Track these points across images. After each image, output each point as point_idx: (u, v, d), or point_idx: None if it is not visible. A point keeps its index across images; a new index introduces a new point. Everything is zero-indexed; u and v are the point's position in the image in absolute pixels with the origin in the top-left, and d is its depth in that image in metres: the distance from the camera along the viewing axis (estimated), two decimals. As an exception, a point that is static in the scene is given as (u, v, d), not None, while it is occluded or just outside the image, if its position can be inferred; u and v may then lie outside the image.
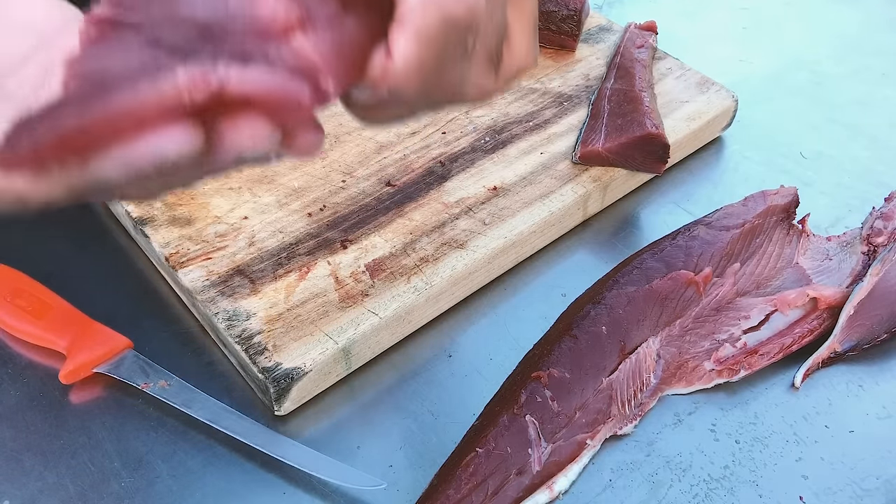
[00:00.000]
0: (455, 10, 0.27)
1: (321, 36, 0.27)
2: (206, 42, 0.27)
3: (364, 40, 0.29)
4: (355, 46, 0.29)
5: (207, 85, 0.25)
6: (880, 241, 0.60)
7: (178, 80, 0.25)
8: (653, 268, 0.57)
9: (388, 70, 0.28)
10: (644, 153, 0.65)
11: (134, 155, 0.25)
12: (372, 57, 0.29)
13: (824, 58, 0.84)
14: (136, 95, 0.24)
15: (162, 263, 0.58)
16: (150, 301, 0.58)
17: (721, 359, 0.54)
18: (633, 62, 0.73)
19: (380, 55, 0.28)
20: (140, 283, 0.60)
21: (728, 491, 0.49)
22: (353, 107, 0.31)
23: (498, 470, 0.47)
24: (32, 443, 0.50)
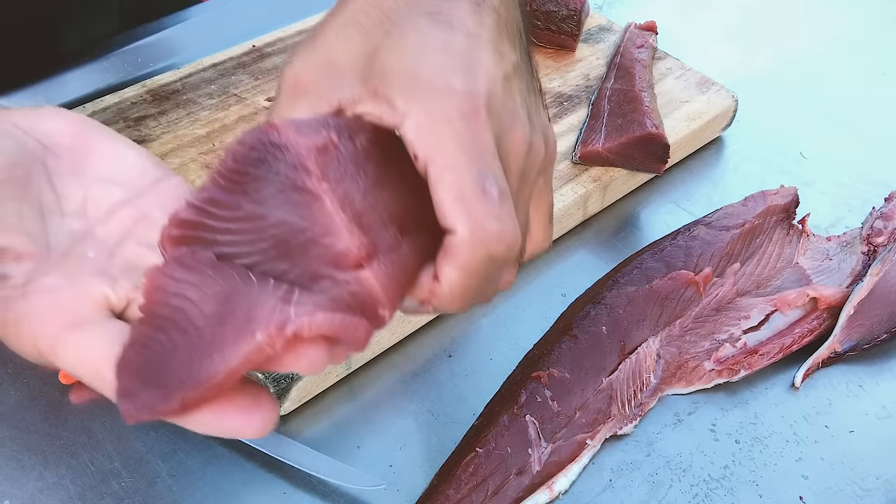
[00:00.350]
0: (497, 250, 0.30)
1: (383, 267, 0.31)
2: (282, 261, 0.30)
3: (415, 263, 0.32)
4: (409, 270, 0.32)
5: (284, 336, 0.28)
6: (880, 241, 0.60)
7: (259, 340, 0.28)
8: (653, 268, 0.57)
9: (435, 292, 0.31)
10: (644, 153, 0.65)
11: (209, 421, 0.29)
12: (420, 277, 0.32)
13: (824, 58, 0.84)
14: (225, 364, 0.28)
15: (162, 263, 0.58)
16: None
17: (721, 359, 0.54)
18: (633, 62, 0.73)
19: (427, 277, 0.32)
20: (140, 283, 0.60)
21: (728, 491, 0.49)
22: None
23: (498, 470, 0.47)
24: (32, 443, 0.50)
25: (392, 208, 0.32)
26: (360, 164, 0.32)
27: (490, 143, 0.31)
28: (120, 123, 0.67)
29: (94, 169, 0.34)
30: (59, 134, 0.34)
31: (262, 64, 0.73)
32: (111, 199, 0.34)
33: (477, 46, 0.33)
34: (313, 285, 0.30)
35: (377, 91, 0.32)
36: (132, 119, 0.67)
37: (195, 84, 0.71)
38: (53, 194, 0.33)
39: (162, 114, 0.68)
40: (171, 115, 0.68)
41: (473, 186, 0.30)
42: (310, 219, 0.30)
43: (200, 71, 0.72)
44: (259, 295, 0.29)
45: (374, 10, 0.34)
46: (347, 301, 0.30)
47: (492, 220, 0.30)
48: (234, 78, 0.72)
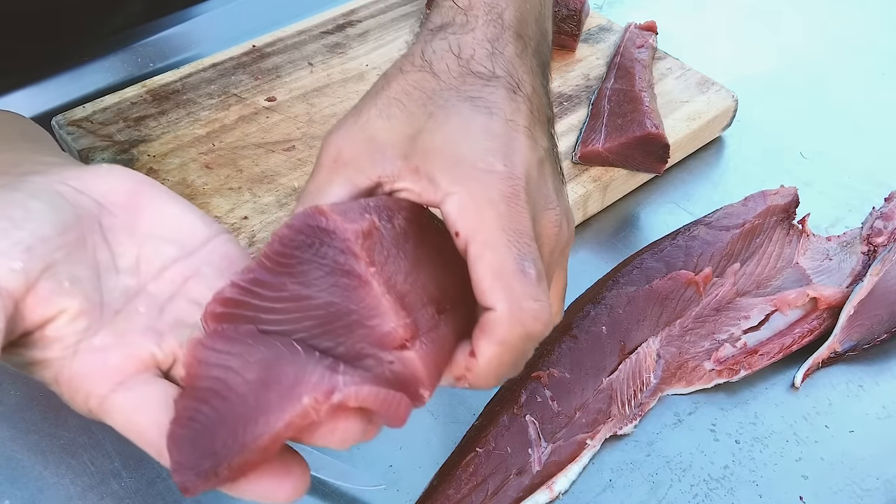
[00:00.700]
0: (534, 328, 0.32)
1: (425, 347, 0.32)
2: (326, 339, 0.31)
3: (451, 342, 0.34)
4: (446, 350, 0.33)
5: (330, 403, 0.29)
6: (880, 241, 0.60)
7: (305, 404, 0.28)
8: (653, 268, 0.57)
9: (471, 369, 0.32)
10: (644, 153, 0.65)
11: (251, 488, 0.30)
12: (455, 354, 0.33)
13: (824, 58, 0.84)
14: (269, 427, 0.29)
15: (162, 263, 0.58)
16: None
17: (721, 359, 0.54)
18: (633, 62, 0.73)
19: (463, 355, 0.33)
20: (140, 283, 0.60)
21: (728, 491, 0.49)
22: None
23: (498, 470, 0.47)
24: (32, 443, 0.50)
25: (429, 288, 0.33)
26: (401, 246, 0.33)
27: (528, 225, 0.33)
28: (120, 123, 0.67)
29: (148, 227, 0.35)
30: (114, 192, 0.34)
31: (262, 64, 0.73)
32: (164, 257, 0.35)
33: (515, 132, 0.35)
34: (357, 362, 0.31)
35: (419, 169, 0.34)
36: (132, 119, 0.67)
37: (195, 84, 0.71)
38: (109, 252, 0.33)
39: (162, 114, 0.68)
40: (171, 115, 0.68)
41: (513, 266, 0.31)
42: (357, 301, 0.31)
43: (200, 71, 0.72)
44: (306, 363, 0.30)
45: (418, 92, 0.36)
46: (390, 379, 0.31)
47: (530, 299, 0.31)
48: (234, 78, 0.72)
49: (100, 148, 0.64)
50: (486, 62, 0.37)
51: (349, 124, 0.36)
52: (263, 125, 0.68)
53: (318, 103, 0.70)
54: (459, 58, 0.37)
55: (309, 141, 0.66)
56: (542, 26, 0.42)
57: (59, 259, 0.31)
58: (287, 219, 0.32)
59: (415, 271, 0.33)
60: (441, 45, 0.37)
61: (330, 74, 0.73)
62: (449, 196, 0.33)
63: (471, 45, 0.37)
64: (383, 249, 0.32)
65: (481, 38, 0.38)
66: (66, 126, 0.66)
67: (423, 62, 0.37)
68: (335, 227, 0.31)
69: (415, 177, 0.34)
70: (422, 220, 0.35)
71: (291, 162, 0.65)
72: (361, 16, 0.79)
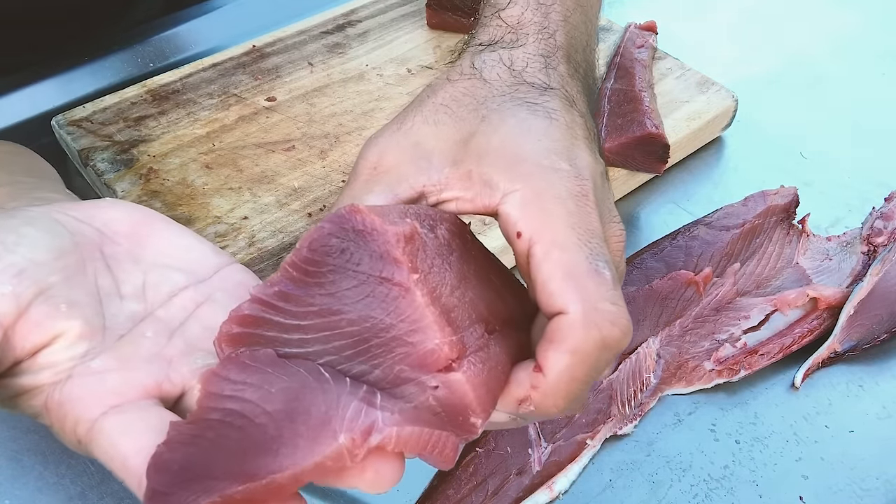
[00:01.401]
0: (612, 335, 0.28)
1: (474, 367, 0.27)
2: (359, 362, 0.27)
3: (504, 365, 0.29)
4: (498, 373, 0.29)
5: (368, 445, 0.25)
6: (880, 241, 0.60)
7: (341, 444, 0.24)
8: (653, 268, 0.57)
9: (538, 386, 0.28)
10: (644, 153, 0.65)
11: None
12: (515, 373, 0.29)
13: (824, 58, 0.84)
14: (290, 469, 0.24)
15: (162, 263, 0.58)
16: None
17: (721, 359, 0.54)
18: (633, 62, 0.73)
19: (525, 373, 0.29)
20: (140, 283, 0.60)
21: (728, 491, 0.49)
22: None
23: (498, 470, 0.47)
24: (32, 443, 0.50)
25: (477, 305, 0.29)
26: (444, 257, 0.29)
27: (599, 227, 0.30)
28: (120, 123, 0.67)
29: (154, 255, 0.33)
30: (117, 222, 0.33)
31: (262, 64, 0.73)
32: (172, 284, 0.32)
33: (576, 139, 0.33)
34: (395, 389, 0.27)
35: (471, 173, 0.31)
36: (132, 119, 0.67)
37: (195, 84, 0.71)
38: (111, 278, 0.31)
39: (162, 114, 0.68)
40: (171, 115, 0.68)
41: (586, 265, 0.28)
42: (396, 314, 0.27)
43: (200, 71, 0.72)
44: (338, 394, 0.26)
45: (468, 98, 0.34)
46: (434, 409, 0.27)
47: (606, 301, 0.28)
48: (234, 78, 0.72)
49: (100, 148, 0.64)
50: (540, 74, 0.35)
51: (391, 130, 0.34)
52: (263, 125, 0.68)
53: (318, 103, 0.70)
54: (512, 69, 0.35)
55: (309, 141, 0.66)
56: (588, 57, 0.40)
57: (54, 283, 0.29)
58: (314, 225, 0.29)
59: (461, 286, 0.29)
60: (491, 57, 0.35)
61: (330, 74, 0.73)
62: (509, 195, 0.30)
63: (523, 58, 0.35)
64: (426, 258, 0.28)
65: (533, 52, 0.36)
66: (66, 126, 0.66)
67: (473, 70, 0.35)
68: (374, 227, 0.27)
69: (466, 183, 0.31)
70: (465, 235, 0.32)
71: (291, 162, 0.65)
72: (361, 16, 0.79)
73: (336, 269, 0.28)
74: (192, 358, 0.31)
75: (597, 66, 0.42)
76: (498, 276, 0.32)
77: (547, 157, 0.31)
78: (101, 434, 0.27)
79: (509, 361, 0.30)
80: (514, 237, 0.30)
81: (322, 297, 0.27)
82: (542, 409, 0.29)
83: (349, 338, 0.27)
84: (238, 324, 0.28)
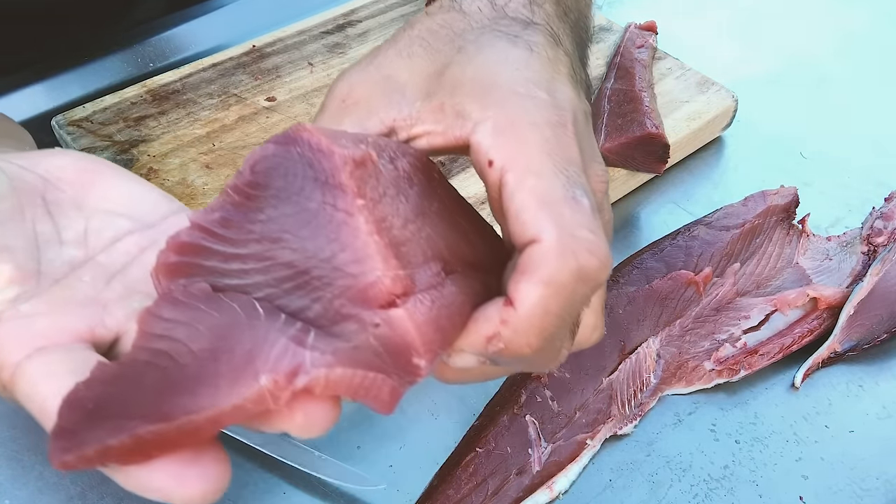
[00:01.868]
0: (589, 264, 0.25)
1: (422, 307, 0.25)
2: (300, 295, 0.25)
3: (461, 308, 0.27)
4: (454, 316, 0.27)
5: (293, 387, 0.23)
6: (880, 241, 0.60)
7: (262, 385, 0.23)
8: (653, 268, 0.57)
9: (508, 321, 0.26)
10: (644, 153, 0.65)
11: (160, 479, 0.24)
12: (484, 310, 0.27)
13: (824, 57, 0.84)
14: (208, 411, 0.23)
15: (162, 263, 0.58)
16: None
17: (721, 359, 0.54)
18: (633, 62, 0.73)
19: (495, 308, 0.26)
20: (140, 283, 0.60)
21: (728, 491, 0.49)
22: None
23: (498, 470, 0.47)
24: (32, 443, 0.50)
25: (435, 243, 0.27)
26: (402, 190, 0.27)
27: (578, 157, 0.28)
28: (120, 123, 0.67)
29: (97, 202, 0.32)
30: (63, 169, 0.32)
31: (262, 64, 0.73)
32: (116, 229, 0.32)
33: (557, 73, 0.30)
34: (334, 327, 0.25)
35: (444, 105, 0.29)
36: (132, 119, 0.67)
37: (195, 84, 0.71)
38: (52, 224, 0.31)
39: (162, 114, 0.68)
40: (171, 115, 0.68)
41: (562, 192, 0.26)
42: (339, 243, 0.25)
43: (200, 71, 0.72)
44: (267, 331, 0.24)
45: (445, 31, 0.32)
46: (375, 349, 0.25)
47: (584, 229, 0.26)
48: (234, 78, 0.72)
49: (100, 148, 0.64)
50: (524, 10, 0.32)
51: (364, 64, 0.32)
52: (263, 125, 0.68)
53: (318, 103, 0.70)
54: (493, 3, 0.32)
55: (309, 141, 0.66)
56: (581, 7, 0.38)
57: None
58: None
59: (418, 221, 0.27)
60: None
61: (330, 74, 0.73)
62: (481, 124, 0.28)
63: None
64: (379, 186, 0.26)
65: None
66: (66, 126, 0.66)
67: (452, 3, 0.32)
68: (320, 148, 0.25)
69: (438, 115, 0.29)
70: (431, 173, 0.29)
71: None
72: (361, 16, 0.79)
73: (279, 194, 0.26)
74: (130, 301, 0.30)
75: (591, 21, 0.39)
76: (467, 218, 0.30)
77: (524, 85, 0.29)
78: (24, 377, 0.26)
79: (470, 304, 0.27)
80: (485, 168, 0.27)
81: (263, 223, 0.26)
82: (513, 348, 0.26)
83: (289, 268, 0.26)
84: (176, 252, 0.26)
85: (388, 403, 0.25)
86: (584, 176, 0.27)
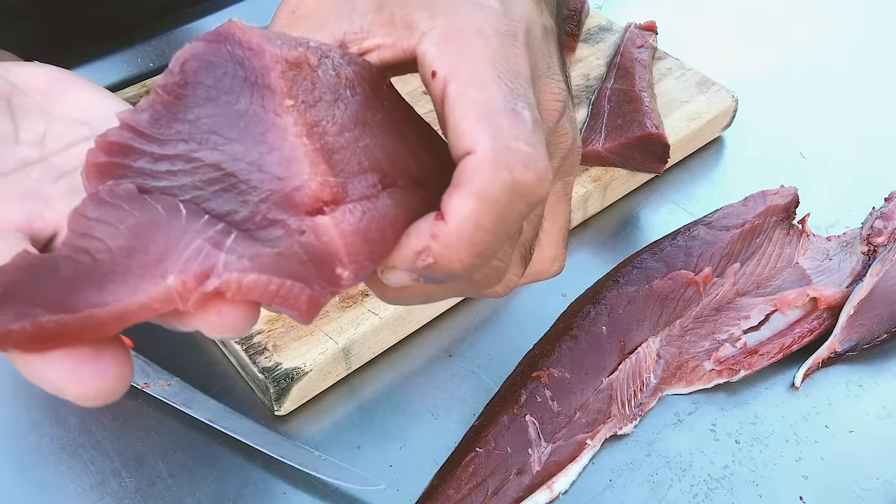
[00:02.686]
0: (524, 178, 0.25)
1: (350, 216, 0.25)
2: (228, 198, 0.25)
3: (396, 222, 0.26)
4: (386, 228, 0.26)
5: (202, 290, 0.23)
6: (880, 241, 0.60)
7: (169, 285, 0.23)
8: (653, 268, 0.57)
9: (438, 235, 0.25)
10: (644, 153, 0.65)
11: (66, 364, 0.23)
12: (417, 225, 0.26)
13: (825, 57, 0.84)
14: (111, 306, 0.22)
15: (162, 263, 0.58)
16: (150, 301, 0.58)
17: (721, 359, 0.54)
18: (633, 62, 0.73)
19: (427, 222, 0.26)
20: (140, 283, 0.60)
21: (728, 491, 0.49)
22: (373, 283, 0.29)
23: (498, 470, 0.47)
24: (32, 443, 0.50)
25: (374, 154, 0.26)
26: (343, 97, 0.26)
27: (525, 69, 0.27)
28: (120, 123, 0.67)
29: (63, 109, 0.32)
30: (35, 77, 0.33)
31: (262, 64, 0.73)
32: (74, 134, 0.32)
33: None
34: (260, 232, 0.24)
35: (394, 17, 0.28)
36: (132, 119, 0.67)
37: (195, 84, 0.71)
38: (12, 125, 0.31)
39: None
40: (171, 114, 0.68)
41: (502, 104, 0.25)
42: (266, 144, 0.25)
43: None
44: (183, 232, 0.24)
45: None
46: (300, 256, 0.24)
47: (521, 140, 0.25)
48: (234, 78, 0.71)
49: (100, 148, 0.64)
50: None
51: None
52: (263, 125, 0.68)
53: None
54: None
55: (309, 141, 0.66)
56: None
57: None
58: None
59: (356, 130, 0.26)
60: None
61: (330, 74, 0.73)
62: (427, 34, 0.27)
63: None
64: (314, 90, 0.25)
65: None
66: (66, 126, 0.66)
67: None
68: (251, 46, 0.25)
69: (389, 28, 0.28)
70: (379, 85, 0.28)
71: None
72: (361, 16, 0.79)
73: (208, 94, 0.25)
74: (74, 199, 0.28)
75: None
76: (417, 134, 0.29)
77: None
78: None
79: (406, 220, 0.26)
80: (429, 79, 0.26)
81: (192, 123, 0.25)
82: (443, 263, 0.25)
83: (217, 170, 0.25)
84: (104, 152, 0.25)
85: (307, 313, 0.24)
86: (530, 90, 0.27)
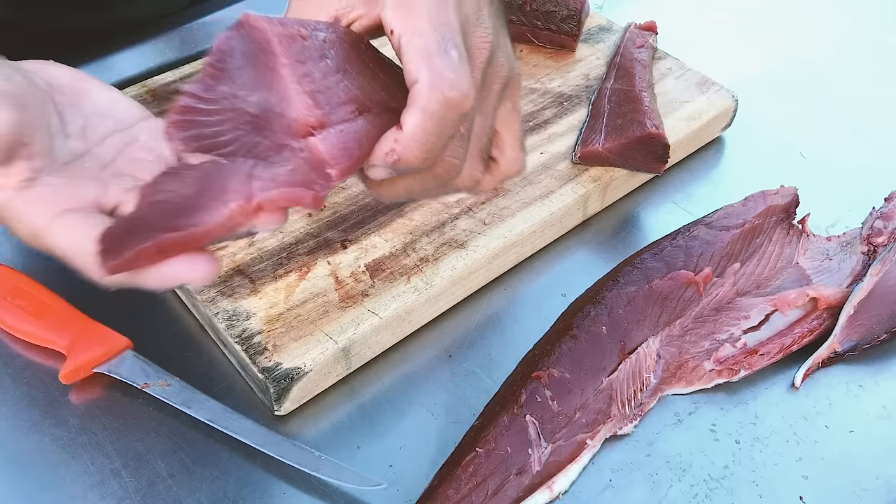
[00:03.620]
0: (451, 94, 0.36)
1: (333, 136, 0.36)
2: (255, 135, 0.36)
3: (372, 136, 0.37)
4: (363, 141, 0.37)
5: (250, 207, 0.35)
6: (880, 241, 0.60)
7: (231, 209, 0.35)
8: (653, 268, 0.57)
9: (399, 139, 0.37)
10: (644, 153, 0.65)
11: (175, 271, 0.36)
12: (384, 137, 0.37)
13: (824, 58, 0.84)
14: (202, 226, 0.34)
15: (162, 263, 0.58)
16: (150, 301, 0.58)
17: (721, 359, 0.54)
18: (633, 62, 0.73)
19: (391, 132, 0.37)
20: (140, 283, 0.60)
21: (728, 491, 0.49)
22: (367, 181, 0.41)
23: (498, 470, 0.47)
24: (32, 443, 0.50)
25: (351, 91, 0.37)
26: (327, 55, 0.37)
27: (455, 22, 0.37)
28: (120, 123, 0.67)
29: (90, 105, 0.41)
30: (61, 77, 0.41)
31: (262, 64, 0.73)
32: (105, 128, 0.41)
33: None
34: (277, 156, 0.36)
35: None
36: (132, 119, 0.67)
37: (195, 84, 0.71)
38: (60, 120, 0.40)
39: (162, 114, 0.68)
40: (171, 114, 0.68)
41: (437, 47, 0.36)
42: (273, 93, 0.36)
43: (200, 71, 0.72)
44: (232, 172, 0.35)
45: None
46: (304, 168, 0.36)
47: (449, 71, 0.36)
48: (234, 78, 0.72)
49: (100, 148, 0.65)
50: None
51: None
52: (263, 125, 0.68)
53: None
54: None
55: (309, 141, 0.66)
56: None
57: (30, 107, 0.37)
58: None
59: (337, 75, 0.37)
60: None
61: (330, 74, 0.73)
62: (386, 4, 0.37)
63: None
64: (304, 52, 0.36)
65: None
66: (66, 126, 0.66)
67: None
68: (258, 26, 0.36)
69: (364, 3, 0.40)
70: (358, 44, 0.39)
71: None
72: (361, 16, 0.79)
73: (238, 64, 0.36)
74: (120, 182, 0.40)
75: None
76: (390, 76, 0.39)
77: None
78: (58, 229, 0.36)
79: (379, 134, 0.37)
80: (390, 37, 0.37)
81: (229, 86, 0.36)
82: (404, 159, 0.37)
83: (248, 116, 0.36)
84: (178, 112, 0.36)
85: (315, 204, 0.36)
86: (459, 36, 0.37)
